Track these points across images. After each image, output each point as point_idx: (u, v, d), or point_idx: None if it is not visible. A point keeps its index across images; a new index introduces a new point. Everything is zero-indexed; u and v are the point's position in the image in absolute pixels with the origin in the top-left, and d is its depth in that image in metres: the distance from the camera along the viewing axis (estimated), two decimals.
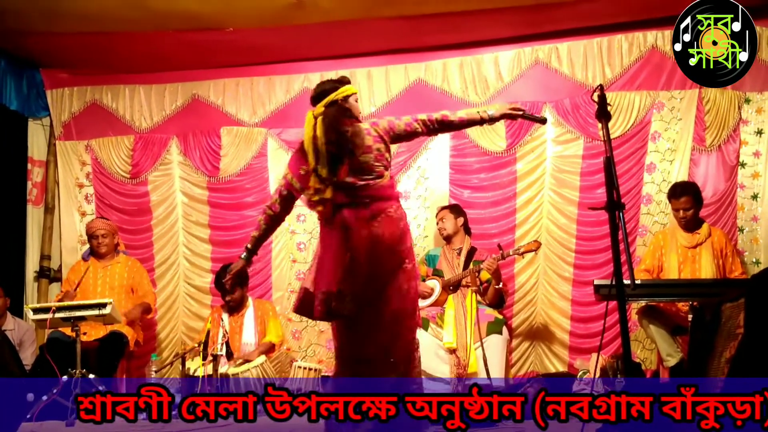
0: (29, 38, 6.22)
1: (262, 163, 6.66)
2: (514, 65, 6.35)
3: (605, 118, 3.19)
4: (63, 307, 5.02)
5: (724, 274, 5.37)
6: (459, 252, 5.79)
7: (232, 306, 5.80)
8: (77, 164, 6.93)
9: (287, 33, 6.10)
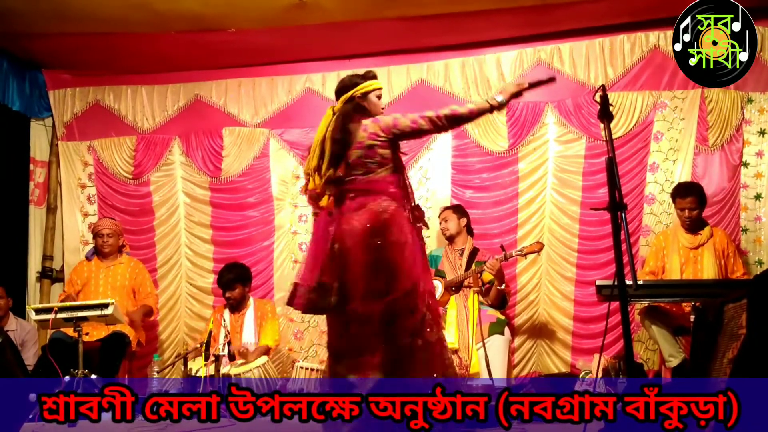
0: (32, 39, 6.23)
1: (264, 163, 6.66)
2: (516, 66, 6.35)
3: (607, 119, 3.19)
4: (65, 307, 5.02)
5: (726, 275, 5.37)
6: (461, 253, 5.79)
7: (233, 304, 5.81)
8: (79, 165, 6.94)
9: (289, 34, 6.10)
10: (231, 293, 5.78)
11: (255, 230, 6.65)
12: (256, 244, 6.61)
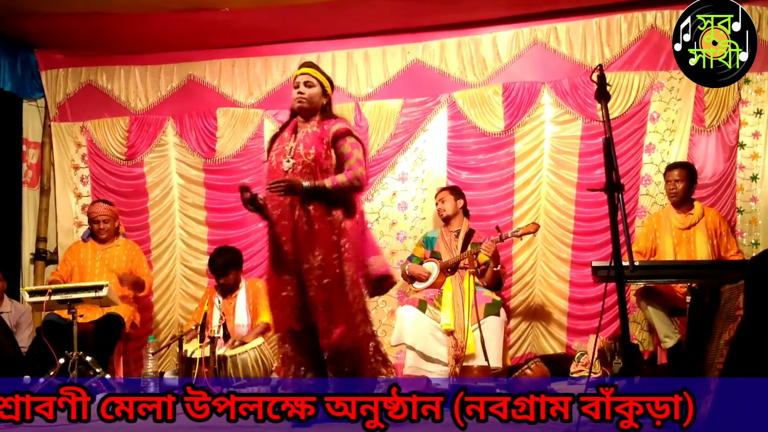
0: (23, 19, 6.17)
1: (259, 144, 6.63)
2: (513, 45, 6.31)
3: (604, 99, 3.16)
4: (59, 289, 5.00)
5: (719, 254, 5.37)
6: (457, 234, 5.78)
7: (226, 289, 5.78)
8: (72, 146, 6.89)
9: (283, 13, 6.05)
10: (225, 279, 5.73)
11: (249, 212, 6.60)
12: (251, 226, 6.58)
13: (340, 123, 3.86)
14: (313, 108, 3.89)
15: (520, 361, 5.86)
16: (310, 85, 3.88)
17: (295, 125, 3.94)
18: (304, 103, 3.87)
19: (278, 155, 3.85)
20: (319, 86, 3.90)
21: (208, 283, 6.49)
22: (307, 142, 3.80)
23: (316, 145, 3.78)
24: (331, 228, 3.72)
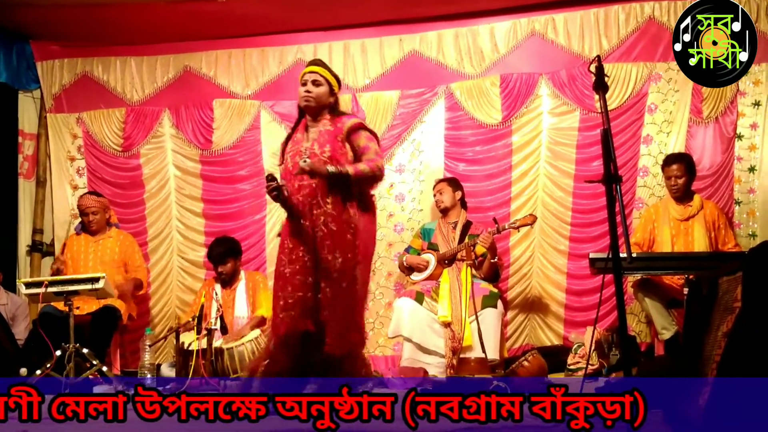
0: (19, 9, 6.14)
1: (255, 135, 6.61)
2: (510, 36, 6.29)
3: (603, 90, 3.15)
4: (55, 281, 4.98)
5: (717, 247, 5.38)
6: (454, 226, 5.77)
7: (224, 279, 5.78)
8: (68, 137, 6.87)
9: (280, 4, 6.04)
10: (223, 268, 5.74)
11: (246, 203, 6.61)
12: (248, 218, 6.57)
13: (352, 118, 3.94)
14: (320, 106, 3.92)
15: (517, 353, 5.86)
16: (318, 83, 3.91)
17: (305, 125, 3.96)
18: (311, 101, 3.90)
19: (293, 156, 3.87)
20: (326, 85, 3.94)
21: (205, 275, 6.48)
22: (322, 141, 3.85)
23: (331, 143, 3.84)
24: (347, 227, 3.77)
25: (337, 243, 3.76)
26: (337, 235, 3.76)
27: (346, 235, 3.77)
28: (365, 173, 3.81)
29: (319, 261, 3.78)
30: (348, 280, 3.75)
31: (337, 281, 3.75)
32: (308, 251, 3.81)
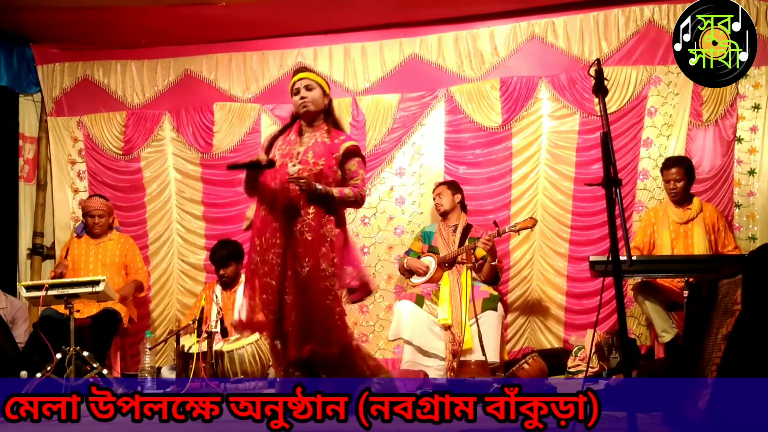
0: (20, 13, 6.15)
1: (256, 139, 6.61)
2: (510, 40, 6.30)
3: (602, 93, 3.15)
4: (56, 284, 4.98)
5: (717, 249, 5.38)
6: (455, 229, 5.77)
7: (226, 281, 5.79)
8: (69, 140, 6.87)
9: (280, 7, 6.05)
10: (225, 270, 5.76)
11: (247, 207, 6.53)
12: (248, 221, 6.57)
13: (350, 141, 3.95)
14: (318, 110, 3.93)
15: (517, 355, 5.86)
16: (311, 88, 3.92)
17: (299, 128, 3.96)
18: (310, 106, 3.90)
19: (283, 156, 3.86)
20: (318, 88, 3.95)
21: (206, 278, 6.49)
22: (317, 152, 3.84)
23: (326, 157, 3.84)
24: (323, 239, 3.76)
25: (310, 253, 3.72)
26: (311, 245, 3.73)
27: (320, 247, 3.74)
28: (348, 198, 3.85)
29: (288, 267, 3.77)
30: (313, 290, 3.71)
31: (303, 290, 3.72)
32: (279, 255, 3.76)
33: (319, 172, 3.79)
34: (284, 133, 4.03)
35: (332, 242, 3.79)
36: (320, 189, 3.74)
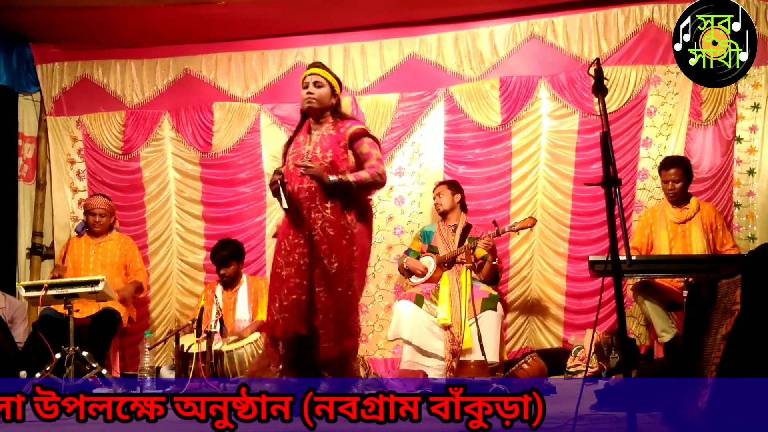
0: (19, 12, 6.15)
1: (255, 138, 6.61)
2: (510, 39, 6.30)
3: (602, 92, 3.15)
4: (55, 284, 4.97)
5: (715, 249, 5.38)
6: (454, 229, 5.77)
7: (226, 281, 5.79)
8: (68, 140, 6.87)
9: (280, 7, 6.04)
10: (226, 270, 5.76)
11: (246, 206, 6.61)
12: (248, 221, 6.58)
13: (355, 124, 3.96)
14: (323, 108, 3.96)
15: (516, 355, 5.85)
16: (320, 85, 3.94)
17: (308, 127, 3.98)
18: (314, 103, 3.92)
19: (295, 159, 3.90)
20: (328, 86, 3.96)
21: (205, 278, 6.49)
22: (324, 145, 3.87)
23: (333, 148, 3.86)
24: (344, 233, 3.79)
25: (334, 248, 3.78)
26: (334, 240, 3.78)
27: (342, 241, 3.79)
28: (366, 181, 3.86)
29: (315, 265, 3.79)
30: (343, 285, 3.77)
31: (333, 286, 3.77)
32: (305, 254, 3.82)
33: (329, 164, 3.83)
34: (295, 136, 4.04)
35: (352, 235, 3.82)
36: (334, 179, 3.76)
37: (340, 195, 3.82)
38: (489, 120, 6.26)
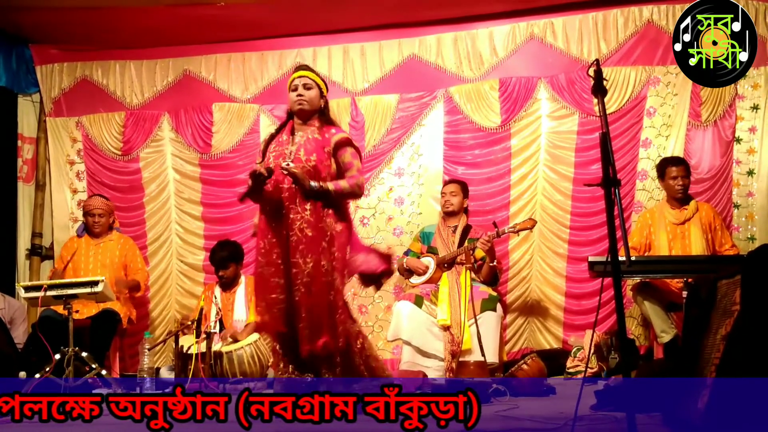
0: (18, 13, 6.15)
1: (255, 139, 6.61)
2: (509, 40, 6.31)
3: (601, 93, 3.15)
4: (55, 285, 4.97)
5: (714, 249, 5.38)
6: (454, 229, 5.77)
7: (225, 282, 5.79)
8: (68, 141, 6.87)
9: (279, 8, 6.05)
10: (225, 272, 5.76)
11: (245, 207, 6.56)
12: (247, 221, 6.54)
13: (340, 133, 3.98)
14: (313, 110, 3.98)
15: (516, 356, 5.86)
16: (309, 87, 3.97)
17: (292, 127, 3.99)
18: (305, 105, 3.95)
19: (276, 157, 3.89)
20: (317, 88, 4.00)
21: (205, 279, 6.49)
22: (309, 148, 3.88)
23: (318, 153, 3.87)
24: (322, 234, 3.80)
25: (311, 249, 3.78)
26: (312, 241, 3.78)
27: (321, 242, 3.79)
28: (345, 191, 3.88)
29: (291, 265, 3.80)
30: (318, 285, 3.76)
31: (307, 285, 3.77)
32: (282, 254, 3.83)
33: (312, 168, 3.84)
34: (277, 134, 4.05)
35: (332, 237, 3.83)
36: (314, 186, 3.77)
37: (318, 198, 3.84)
38: (488, 121, 6.26)
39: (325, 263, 3.77)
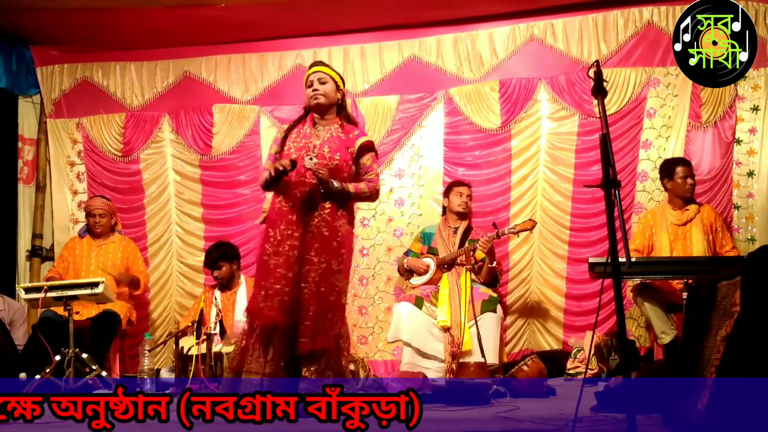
0: (19, 14, 6.15)
1: (255, 140, 6.62)
2: (509, 41, 6.31)
3: (602, 95, 3.15)
4: (55, 286, 4.98)
5: (715, 250, 5.38)
6: (455, 230, 5.77)
7: (221, 282, 5.79)
8: (68, 142, 6.88)
9: (280, 9, 6.05)
10: (218, 272, 5.77)
11: (246, 208, 6.61)
12: (247, 223, 6.57)
13: (363, 136, 4.07)
14: (330, 104, 4.04)
15: (516, 357, 5.86)
16: (324, 81, 4.03)
17: (312, 120, 4.02)
18: (321, 99, 4.00)
19: (299, 149, 3.91)
20: (332, 82, 4.06)
21: (205, 280, 6.48)
22: (333, 146, 3.93)
23: (341, 152, 3.93)
24: (336, 234, 3.85)
25: (325, 248, 3.82)
26: (326, 240, 3.83)
27: (333, 242, 3.84)
28: (364, 193, 4.00)
29: (304, 261, 3.81)
30: (327, 285, 3.80)
31: (317, 284, 3.79)
32: (296, 248, 3.83)
33: (335, 166, 3.89)
34: (298, 125, 4.06)
35: (342, 238, 3.87)
36: (336, 186, 3.83)
37: (336, 200, 3.88)
38: (488, 122, 6.26)
39: (335, 264, 3.79)
